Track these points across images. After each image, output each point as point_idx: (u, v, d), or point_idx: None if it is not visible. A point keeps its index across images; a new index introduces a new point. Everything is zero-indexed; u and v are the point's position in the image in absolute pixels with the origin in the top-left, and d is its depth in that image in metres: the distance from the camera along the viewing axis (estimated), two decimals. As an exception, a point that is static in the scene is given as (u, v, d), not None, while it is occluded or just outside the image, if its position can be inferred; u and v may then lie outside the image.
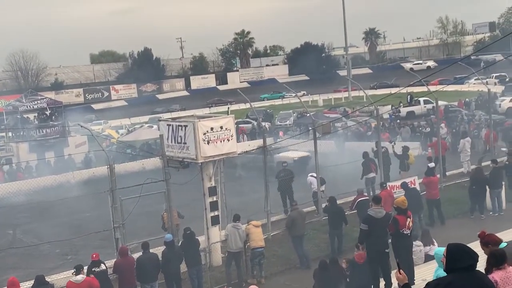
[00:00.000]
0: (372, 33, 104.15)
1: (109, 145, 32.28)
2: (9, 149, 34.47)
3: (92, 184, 25.18)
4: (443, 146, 21.37)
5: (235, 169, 26.58)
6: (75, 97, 79.29)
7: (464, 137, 22.86)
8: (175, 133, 14.02)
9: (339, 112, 44.27)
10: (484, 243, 6.41)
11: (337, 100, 63.40)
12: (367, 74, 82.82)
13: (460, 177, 21.26)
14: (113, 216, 12.73)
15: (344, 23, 69.48)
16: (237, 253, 13.19)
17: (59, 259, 16.25)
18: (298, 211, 14.38)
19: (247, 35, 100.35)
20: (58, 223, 20.53)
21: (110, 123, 54.15)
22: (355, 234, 14.72)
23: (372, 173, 19.49)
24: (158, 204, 16.07)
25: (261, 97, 72.44)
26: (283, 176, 18.41)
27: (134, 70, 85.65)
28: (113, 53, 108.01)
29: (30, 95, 37.67)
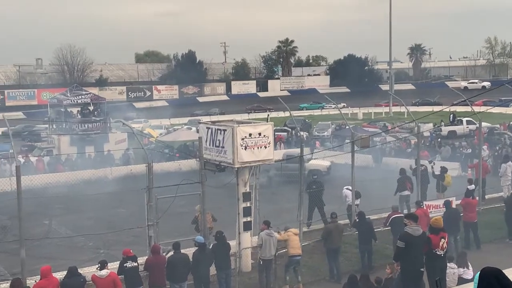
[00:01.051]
0: (418, 49, 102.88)
1: (148, 143, 32.72)
2: (51, 141, 35.30)
3: (129, 181, 25.56)
4: (484, 168, 20.92)
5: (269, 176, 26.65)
6: (118, 94, 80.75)
7: (506, 161, 22.26)
8: (214, 137, 14.12)
9: (379, 127, 43.84)
10: None
11: (377, 115, 62.77)
12: (409, 90, 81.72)
13: (499, 201, 20.72)
14: (147, 214, 12.88)
15: (390, 38, 68.85)
16: (269, 261, 13.20)
17: (92, 252, 16.51)
18: (335, 224, 14.28)
19: (291, 43, 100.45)
20: (93, 216, 20.91)
21: (150, 122, 54.88)
22: (387, 251, 14.56)
23: (406, 191, 19.23)
24: (192, 205, 16.20)
25: (300, 106, 72.33)
26: (314, 189, 18.25)
27: (177, 71, 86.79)
28: (157, 54, 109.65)
29: (74, 89, 38.46)
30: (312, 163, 27.84)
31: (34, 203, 18.63)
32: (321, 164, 27.94)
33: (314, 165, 27.74)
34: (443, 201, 17.84)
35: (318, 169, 27.72)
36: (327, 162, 27.73)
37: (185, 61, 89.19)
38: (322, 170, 27.85)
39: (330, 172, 28.04)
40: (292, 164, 25.53)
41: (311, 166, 27.73)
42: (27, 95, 77.34)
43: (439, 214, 15.18)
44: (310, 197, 18.21)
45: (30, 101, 75.14)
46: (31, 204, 17.46)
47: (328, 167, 27.91)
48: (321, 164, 27.91)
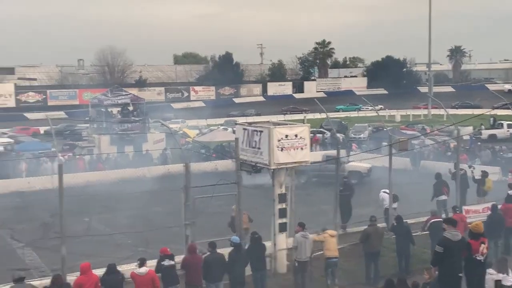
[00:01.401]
0: (458, 51, 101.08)
1: (185, 144, 33.07)
2: (91, 140, 36.04)
3: (166, 180, 25.86)
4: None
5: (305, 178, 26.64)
6: (157, 95, 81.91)
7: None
8: (250, 138, 14.19)
9: (417, 130, 43.22)
10: None
11: (415, 117, 61.92)
12: (449, 93, 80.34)
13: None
14: (184, 213, 13.03)
15: (429, 39, 67.88)
16: (305, 262, 13.18)
17: (130, 250, 16.76)
18: (374, 227, 14.13)
19: (328, 45, 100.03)
20: (131, 214, 21.23)
21: (187, 123, 55.45)
22: (424, 255, 14.36)
23: (443, 195, 18.91)
24: (228, 205, 16.31)
25: (337, 108, 71.95)
26: (342, 191, 18.04)
27: (214, 73, 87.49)
28: (195, 55, 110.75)
29: (115, 90, 39.19)
30: (352, 164, 27.67)
31: (74, 201, 19.02)
32: (361, 166, 27.72)
33: (354, 167, 27.61)
34: (483, 206, 17.52)
35: (358, 170, 27.65)
36: (367, 164, 27.50)
37: (222, 62, 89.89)
38: (363, 172, 27.74)
39: (371, 174, 27.80)
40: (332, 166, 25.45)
41: (351, 167, 27.59)
42: (69, 95, 79.15)
43: (479, 219, 14.88)
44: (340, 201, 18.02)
45: (72, 101, 76.89)
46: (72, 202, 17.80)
47: (368, 169, 27.69)
48: (362, 166, 27.67)
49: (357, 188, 24.47)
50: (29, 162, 29.50)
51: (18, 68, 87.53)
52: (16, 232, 19.86)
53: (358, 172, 27.69)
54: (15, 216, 21.99)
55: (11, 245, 18.36)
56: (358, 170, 27.70)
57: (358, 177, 27.50)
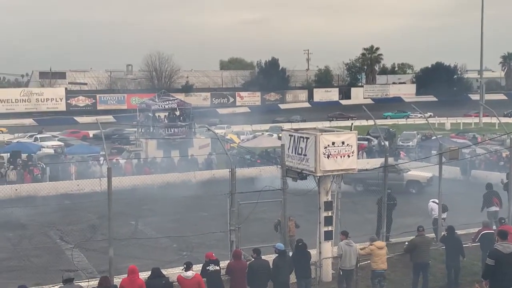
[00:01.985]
0: (511, 58, 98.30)
1: (230, 149, 33.22)
2: (139, 144, 36.65)
3: (211, 185, 26.03)
4: None
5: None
6: (203, 100, 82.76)
7: None
8: (296, 144, 14.07)
9: (468, 138, 42.10)
10: None
11: (466, 125, 60.44)
12: (501, 101, 78.17)
13: None
14: (230, 219, 13.03)
15: (481, 45, 66.23)
16: (350, 271, 12.96)
17: (175, 254, 16.90)
18: (422, 237, 13.77)
19: (376, 51, 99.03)
20: (177, 219, 21.45)
21: (233, 128, 55.74)
22: (474, 268, 13.94)
23: (494, 206, 18.28)
24: (272, 212, 16.24)
25: (384, 115, 70.99)
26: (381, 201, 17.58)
27: (260, 78, 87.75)
28: (241, 61, 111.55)
29: (162, 95, 39.75)
30: (412, 173, 27.09)
31: (121, 204, 19.36)
32: (421, 175, 26.99)
33: (414, 176, 27.03)
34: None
35: (418, 180, 26.99)
36: (428, 173, 26.74)
37: (268, 68, 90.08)
38: (422, 181, 27.03)
39: (432, 184, 26.86)
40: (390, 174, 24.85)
41: (410, 176, 27.04)
42: (117, 100, 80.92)
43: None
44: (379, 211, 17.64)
45: (120, 106, 78.59)
46: (119, 205, 18.14)
47: (429, 179, 26.76)
48: (421, 175, 26.92)
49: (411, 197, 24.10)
50: (78, 165, 30.20)
51: (69, 72, 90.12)
52: (65, 233, 20.31)
53: (417, 182, 27.07)
54: (64, 217, 22.52)
55: (60, 246, 18.78)
56: (417, 179, 27.03)
57: (418, 187, 26.94)
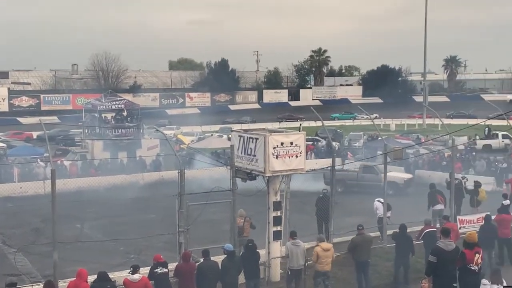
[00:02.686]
0: (453, 61, 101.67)
1: (179, 150, 32.98)
2: (84, 145, 35.91)
3: (159, 186, 25.76)
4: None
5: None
6: (151, 101, 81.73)
7: (541, 178, 21.72)
8: (246, 145, 14.11)
9: (412, 139, 43.28)
10: None
11: (410, 126, 62.08)
12: (444, 103, 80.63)
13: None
14: (178, 220, 12.92)
15: (425, 49, 68.20)
16: (298, 270, 13.05)
17: (123, 257, 16.64)
18: (362, 236, 14.02)
19: (324, 53, 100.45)
20: (124, 221, 21.12)
21: (182, 129, 55.35)
22: (419, 265, 14.30)
23: (439, 205, 18.87)
24: (221, 212, 16.19)
25: (332, 116, 72.05)
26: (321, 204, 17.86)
27: (209, 79, 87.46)
28: (191, 62, 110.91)
29: (109, 95, 39.11)
30: (390, 174, 26.76)
31: (66, 206, 18.90)
32: (398, 176, 26.85)
33: (391, 177, 26.01)
34: (478, 216, 17.49)
35: (395, 181, 26.42)
36: (407, 175, 26.62)
37: (218, 69, 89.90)
38: (399, 182, 26.68)
39: (411, 185, 26.83)
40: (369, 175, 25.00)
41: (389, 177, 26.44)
42: (63, 100, 78.92)
43: (473, 229, 14.85)
44: (318, 213, 17.88)
45: (65, 106, 76.67)
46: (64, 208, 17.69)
47: (406, 180, 26.50)
48: (399, 176, 26.83)
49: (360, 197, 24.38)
50: (21, 167, 29.33)
51: (12, 72, 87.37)
52: (7, 237, 19.72)
53: (394, 183, 26.27)
54: (6, 221, 21.85)
55: (2, 250, 18.22)
56: (394, 181, 26.35)
57: (395, 188, 26.05)
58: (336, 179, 26.33)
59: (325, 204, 17.03)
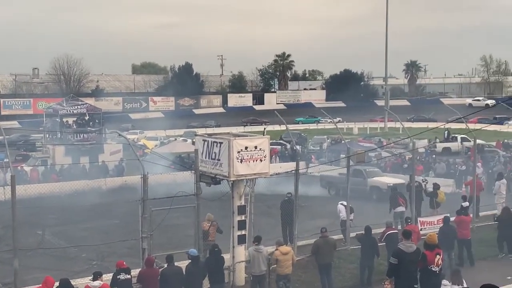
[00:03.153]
0: (413, 65, 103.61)
1: (143, 155, 32.67)
2: (45, 150, 35.24)
3: (123, 192, 25.48)
4: (478, 186, 20.96)
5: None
6: (114, 105, 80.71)
7: (499, 179, 22.32)
8: (210, 149, 14.10)
9: (374, 142, 43.93)
10: None
11: (372, 130, 63.00)
12: (405, 106, 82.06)
13: (493, 219, 20.74)
14: (142, 226, 12.82)
15: (386, 54, 69.30)
16: (261, 276, 13.07)
17: (85, 264, 16.40)
18: (325, 239, 14.17)
19: (288, 57, 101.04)
20: (86, 227, 20.82)
21: (146, 134, 54.88)
22: (381, 267, 14.51)
23: (400, 207, 19.21)
24: (186, 217, 16.13)
25: (296, 120, 72.49)
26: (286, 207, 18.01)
27: (173, 83, 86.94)
28: (154, 65, 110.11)
29: (71, 99, 38.48)
30: (375, 179, 26.77)
31: (27, 213, 18.55)
32: (382, 182, 26.51)
33: (375, 182, 26.65)
34: (437, 218, 17.87)
35: (378, 186, 26.42)
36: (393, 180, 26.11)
37: (182, 73, 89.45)
38: (382, 187, 26.16)
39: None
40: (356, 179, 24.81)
41: (373, 182, 26.69)
42: (23, 105, 77.20)
43: (434, 230, 15.17)
44: (282, 216, 17.99)
45: (26, 111, 75.01)
46: (25, 214, 17.38)
47: (389, 185, 25.35)
48: (383, 181, 26.46)
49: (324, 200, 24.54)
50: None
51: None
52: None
53: (377, 188, 26.47)
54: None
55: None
56: (378, 185, 26.45)
57: (378, 193, 26.08)
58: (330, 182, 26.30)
59: (289, 208, 17.14)
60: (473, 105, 75.88)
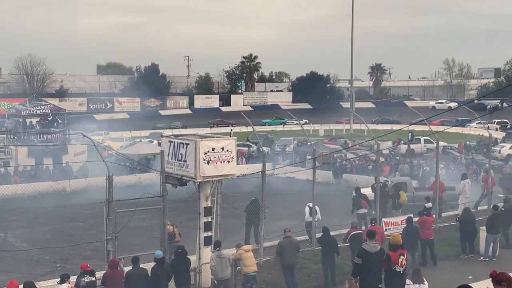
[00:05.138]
0: (378, 68, 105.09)
1: (108, 156, 32.27)
2: (8, 151, 34.48)
3: (87, 193, 25.14)
4: (440, 187, 21.38)
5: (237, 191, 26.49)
6: (79, 105, 79.49)
7: (464, 179, 22.81)
8: (176, 150, 14.04)
9: (340, 144, 44.36)
10: (496, 281, 6.31)
11: (338, 132, 63.61)
12: (370, 109, 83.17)
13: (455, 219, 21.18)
14: (106, 228, 12.67)
15: (351, 57, 70.21)
16: (224, 281, 13.01)
17: (48, 266, 16.14)
18: (288, 240, 14.25)
19: (254, 59, 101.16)
20: (50, 230, 20.49)
21: (111, 135, 54.21)
22: (346, 267, 14.71)
23: (363, 209, 19.46)
24: (151, 219, 16.03)
25: (263, 121, 72.65)
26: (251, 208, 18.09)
27: (139, 84, 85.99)
28: (120, 66, 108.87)
29: (34, 100, 37.78)
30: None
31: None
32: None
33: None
34: (401, 218, 18.17)
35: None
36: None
37: (148, 73, 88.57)
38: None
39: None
40: None
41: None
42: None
43: (397, 231, 15.42)
44: (247, 217, 18.05)
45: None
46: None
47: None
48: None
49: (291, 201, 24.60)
50: None
51: None
52: None
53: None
54: None
55: None
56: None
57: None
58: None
59: (255, 209, 17.21)
60: (436, 108, 77.32)
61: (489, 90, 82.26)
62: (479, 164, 31.36)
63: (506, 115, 59.73)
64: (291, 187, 27.28)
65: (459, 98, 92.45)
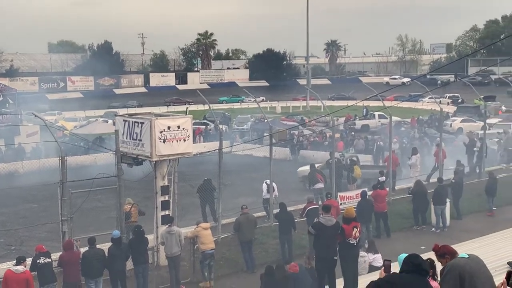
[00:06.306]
0: (334, 45, 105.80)
1: (62, 136, 31.65)
2: (-44, 133, 33.38)
3: (41, 175, 24.65)
4: (394, 161, 21.87)
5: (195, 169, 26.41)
6: (30, 85, 77.29)
7: (415, 153, 23.41)
8: (131, 130, 13.91)
9: (296, 120, 44.72)
10: (440, 255, 6.49)
11: (295, 109, 64.02)
12: (326, 85, 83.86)
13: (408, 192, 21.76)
14: (61, 209, 12.51)
15: (307, 33, 70.28)
16: (174, 258, 12.95)
17: (3, 249, 15.85)
18: (245, 216, 14.40)
19: (210, 36, 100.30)
20: (3, 212, 20.08)
21: (64, 115, 53.11)
22: (303, 241, 14.98)
23: (319, 183, 19.75)
24: (107, 200, 15.87)
25: (220, 99, 72.41)
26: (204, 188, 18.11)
27: (92, 62, 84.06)
28: (72, 44, 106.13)
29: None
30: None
31: None
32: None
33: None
34: (356, 192, 18.55)
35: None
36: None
37: (101, 51, 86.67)
38: None
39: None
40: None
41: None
42: None
43: (352, 205, 15.76)
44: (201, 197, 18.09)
45: None
46: None
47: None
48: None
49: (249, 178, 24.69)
50: None
51: None
52: None
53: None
54: None
55: None
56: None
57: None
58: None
59: (208, 189, 17.31)
60: (390, 83, 78.49)
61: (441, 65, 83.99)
62: (431, 138, 32.15)
63: (458, 90, 61.24)
64: (249, 165, 27.45)
65: (412, 73, 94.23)
